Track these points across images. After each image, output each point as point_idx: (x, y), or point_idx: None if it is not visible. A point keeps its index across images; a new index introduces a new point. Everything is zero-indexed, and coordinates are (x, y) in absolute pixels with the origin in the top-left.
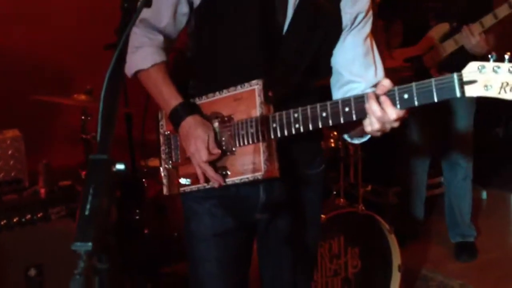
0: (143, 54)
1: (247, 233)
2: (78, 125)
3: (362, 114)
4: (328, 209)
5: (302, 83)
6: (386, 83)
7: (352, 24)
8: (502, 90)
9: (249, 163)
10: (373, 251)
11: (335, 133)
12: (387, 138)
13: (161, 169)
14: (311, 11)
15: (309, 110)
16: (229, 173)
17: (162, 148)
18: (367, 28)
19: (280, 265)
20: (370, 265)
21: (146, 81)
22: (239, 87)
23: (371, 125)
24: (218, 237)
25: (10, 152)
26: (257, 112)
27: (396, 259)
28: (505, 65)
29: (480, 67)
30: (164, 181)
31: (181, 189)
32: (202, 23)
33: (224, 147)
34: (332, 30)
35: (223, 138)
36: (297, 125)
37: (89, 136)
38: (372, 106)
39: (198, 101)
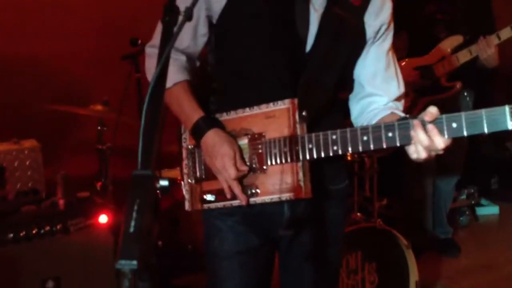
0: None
1: (270, 249)
2: (94, 136)
3: (406, 140)
4: (345, 224)
5: (331, 99)
6: (434, 111)
7: (375, 36)
8: None
9: (281, 183)
10: (390, 266)
11: None
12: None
13: (183, 183)
14: (336, 25)
15: (348, 133)
16: (258, 191)
17: (185, 162)
18: (389, 40)
19: (302, 282)
20: (387, 280)
21: (169, 99)
22: (271, 104)
23: (417, 153)
24: (242, 254)
25: (28, 162)
26: (291, 131)
27: (414, 275)
28: None
29: None
30: (187, 196)
31: (205, 205)
32: (221, 39)
33: (253, 165)
34: (357, 44)
35: (253, 156)
36: (335, 147)
37: (104, 146)
38: (419, 135)
39: (226, 116)
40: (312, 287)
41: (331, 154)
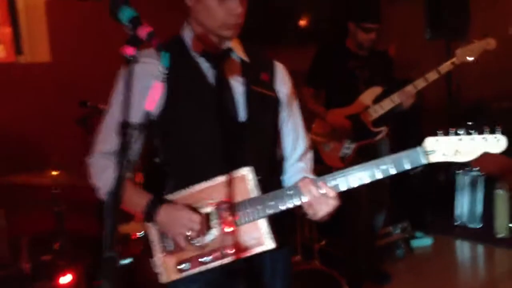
0: (110, 173)
1: None
2: (48, 197)
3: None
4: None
5: (271, 161)
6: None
7: (287, 100)
8: (456, 156)
9: (250, 239)
10: None
11: None
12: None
13: (155, 259)
14: (258, 98)
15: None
16: (230, 252)
17: (153, 234)
18: (297, 110)
19: None
20: None
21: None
22: (226, 175)
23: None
24: None
25: None
26: (252, 193)
27: None
28: (454, 138)
29: (436, 141)
30: (161, 269)
31: (183, 274)
32: (165, 132)
33: (223, 228)
34: (276, 109)
35: (221, 219)
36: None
37: (60, 208)
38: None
39: (184, 192)
40: None
41: (289, 206)
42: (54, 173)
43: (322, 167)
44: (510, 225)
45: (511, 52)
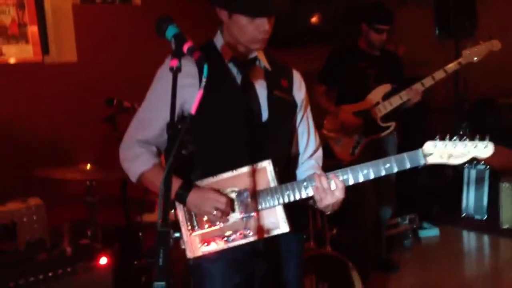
0: (144, 159)
1: (249, 285)
2: (82, 189)
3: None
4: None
5: (288, 156)
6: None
7: (301, 105)
8: (450, 159)
9: (268, 223)
10: (339, 285)
11: None
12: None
13: (183, 236)
14: (279, 102)
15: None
16: (251, 233)
17: (181, 215)
18: (309, 114)
19: None
20: None
21: (150, 179)
22: (250, 166)
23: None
24: None
25: (34, 217)
26: (272, 183)
27: None
28: (450, 143)
29: (434, 145)
30: (187, 246)
31: (205, 251)
32: (197, 127)
33: (244, 213)
34: (293, 112)
35: (242, 205)
36: (306, 192)
37: (93, 199)
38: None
39: (212, 180)
40: None
41: (303, 196)
42: (85, 167)
43: (334, 161)
44: None
45: None
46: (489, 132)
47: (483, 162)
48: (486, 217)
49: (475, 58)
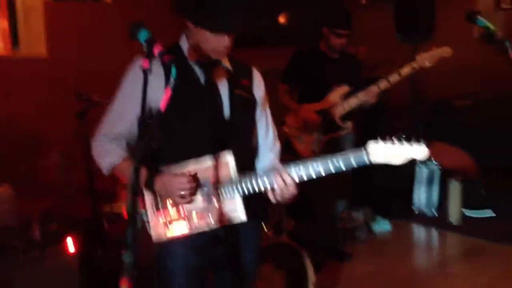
0: (115, 152)
1: (209, 268)
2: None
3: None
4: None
5: (249, 150)
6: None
7: (261, 102)
8: (391, 159)
9: (227, 213)
10: (294, 272)
11: None
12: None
13: (149, 219)
14: (240, 99)
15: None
16: (212, 221)
17: (148, 199)
18: (267, 109)
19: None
20: (292, 283)
21: (121, 170)
22: (213, 158)
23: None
24: (190, 274)
25: (5, 206)
26: (233, 175)
27: (311, 278)
28: (389, 143)
29: (376, 145)
30: (153, 230)
31: (171, 235)
32: (165, 121)
33: (205, 202)
34: (253, 109)
35: (205, 195)
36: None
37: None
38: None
39: (174, 168)
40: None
41: (261, 189)
42: (55, 158)
43: (295, 158)
44: (463, 211)
45: (474, 54)
46: (445, 133)
47: (435, 162)
48: (435, 214)
49: (427, 63)
